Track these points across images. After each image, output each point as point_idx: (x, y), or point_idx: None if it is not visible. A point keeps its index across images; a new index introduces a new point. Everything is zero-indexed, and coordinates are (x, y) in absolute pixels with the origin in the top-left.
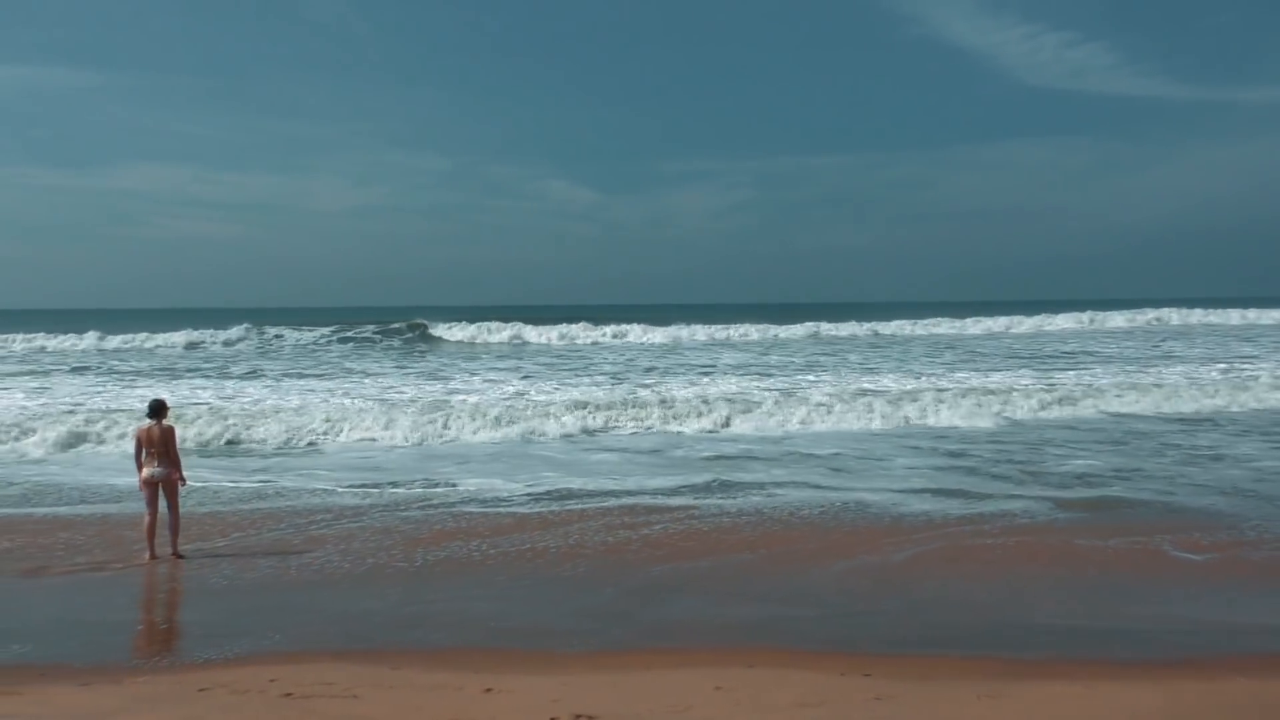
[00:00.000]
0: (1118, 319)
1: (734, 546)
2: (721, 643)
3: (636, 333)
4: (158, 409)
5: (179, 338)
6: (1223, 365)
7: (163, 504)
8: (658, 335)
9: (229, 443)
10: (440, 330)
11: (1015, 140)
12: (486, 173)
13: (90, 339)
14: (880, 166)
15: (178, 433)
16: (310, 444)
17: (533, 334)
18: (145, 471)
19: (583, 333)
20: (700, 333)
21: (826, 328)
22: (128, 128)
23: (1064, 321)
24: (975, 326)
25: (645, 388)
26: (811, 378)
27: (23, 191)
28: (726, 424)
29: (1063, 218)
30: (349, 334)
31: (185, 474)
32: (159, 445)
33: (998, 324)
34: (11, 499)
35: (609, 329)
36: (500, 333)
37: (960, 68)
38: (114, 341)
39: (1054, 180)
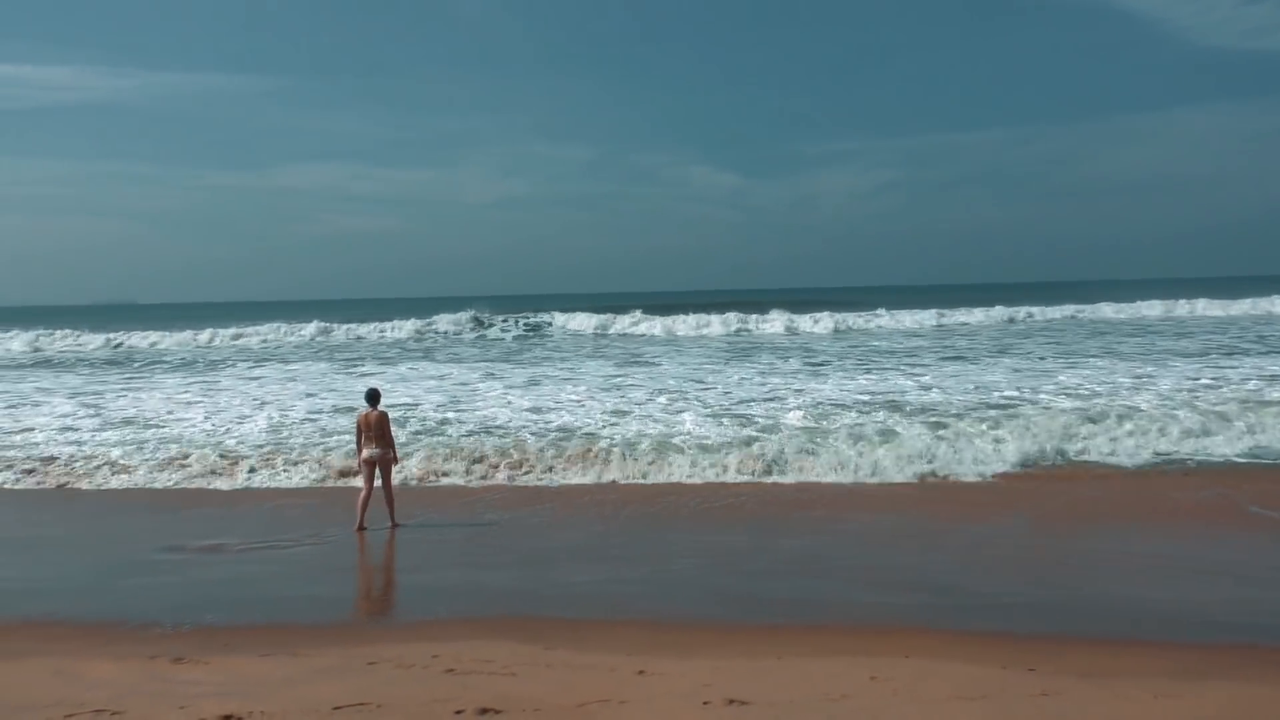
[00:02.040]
0: None
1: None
2: (877, 622)
3: (808, 323)
4: (373, 397)
5: (407, 326)
6: None
7: (378, 481)
8: (824, 323)
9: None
10: (637, 324)
11: (1184, 107)
12: (629, 161)
13: (310, 329)
14: (1034, 140)
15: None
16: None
17: (718, 325)
18: (365, 452)
19: (748, 323)
20: (857, 319)
21: (1022, 311)
22: (291, 129)
23: None
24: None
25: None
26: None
27: (196, 193)
28: None
29: (1239, 184)
30: (545, 322)
31: (399, 455)
32: (375, 429)
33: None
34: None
35: (779, 319)
36: (682, 324)
37: (1125, 31)
38: (339, 334)
39: (1226, 147)
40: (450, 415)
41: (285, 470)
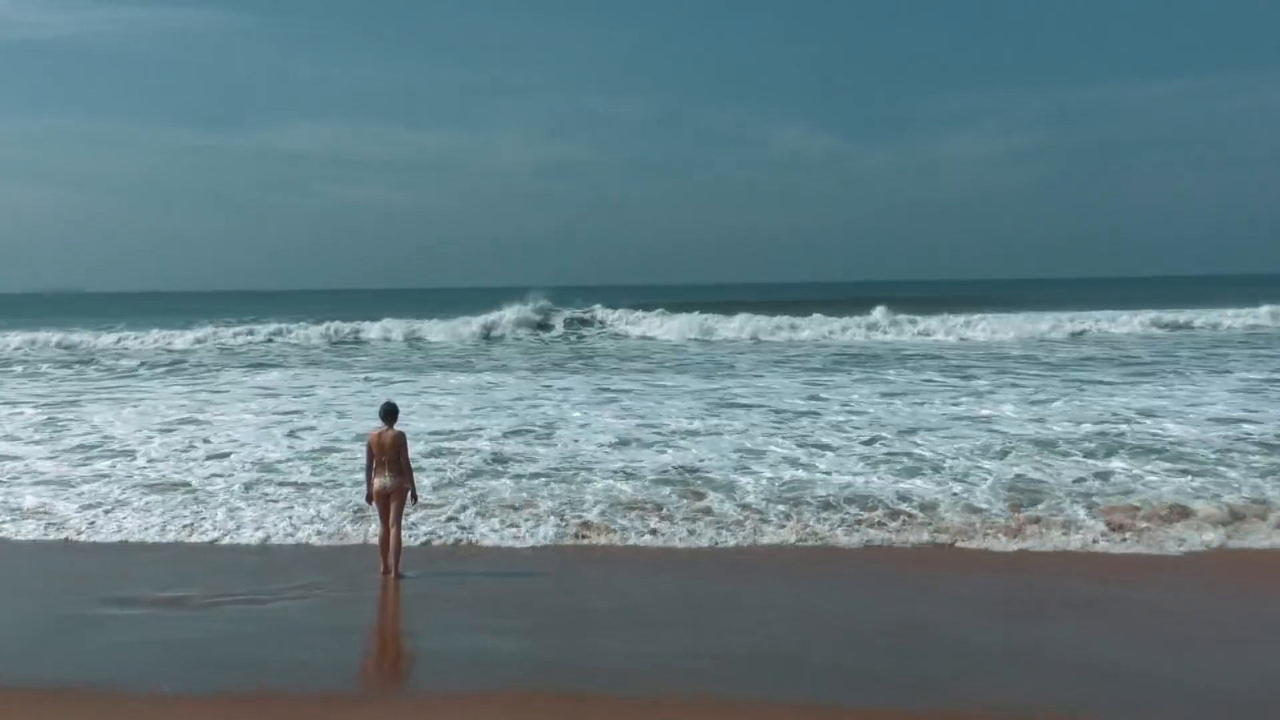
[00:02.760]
0: None
1: None
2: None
3: (979, 330)
4: (389, 412)
5: (474, 324)
6: None
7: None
8: (1002, 330)
9: None
10: (713, 324)
11: None
12: (700, 119)
13: (317, 330)
14: (1235, 91)
15: None
16: None
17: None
18: (376, 483)
19: (872, 323)
20: (1014, 324)
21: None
22: (281, 78)
23: None
24: None
25: None
26: None
27: (164, 156)
28: None
29: None
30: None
31: (418, 490)
32: (390, 453)
33: None
34: None
35: (929, 323)
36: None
37: None
38: (342, 331)
39: None
40: (514, 446)
41: (279, 506)
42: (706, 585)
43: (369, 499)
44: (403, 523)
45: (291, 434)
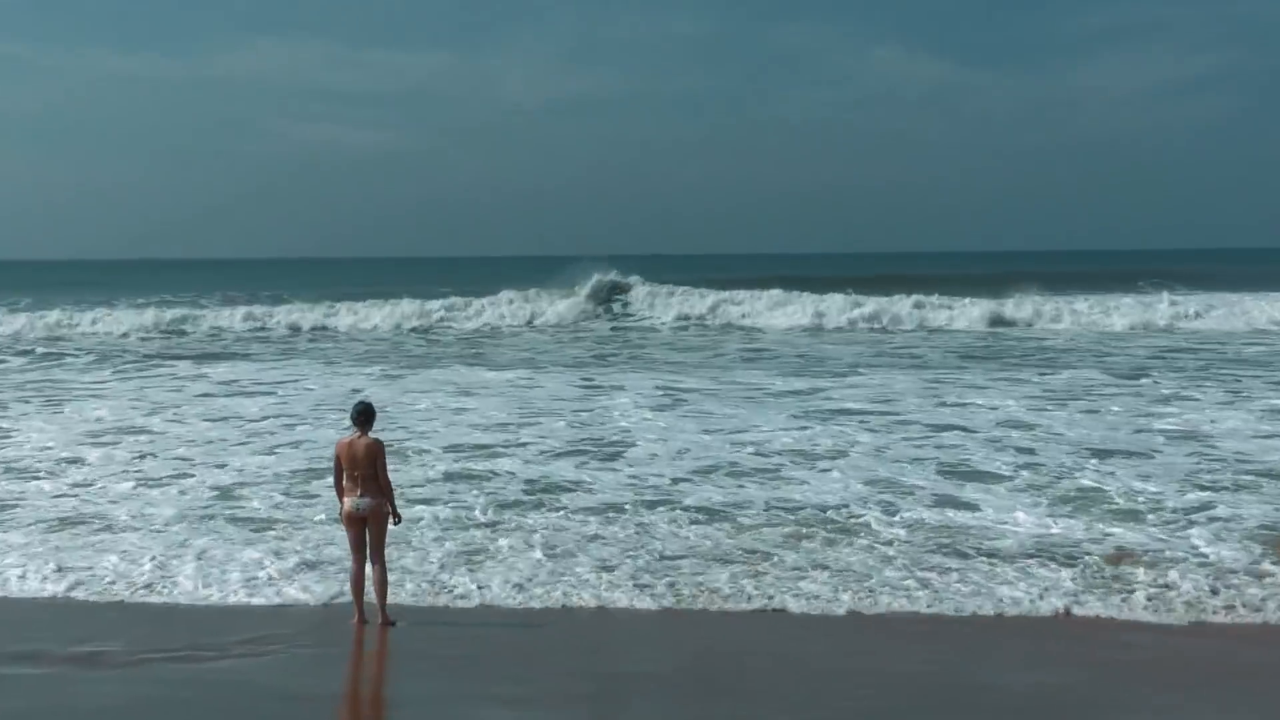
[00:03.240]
0: None
1: None
2: None
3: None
4: (364, 415)
5: (479, 307)
6: None
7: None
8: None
9: None
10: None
11: None
12: (764, 41)
13: (315, 314)
14: None
15: None
16: None
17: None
18: (348, 503)
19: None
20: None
21: None
22: None
23: None
24: None
25: None
26: None
27: (80, 86)
28: None
29: None
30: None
31: (400, 509)
32: (364, 466)
33: None
34: None
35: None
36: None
37: None
38: (379, 316)
39: None
40: (564, 469)
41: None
42: (806, 648)
43: (342, 522)
44: (385, 554)
45: (268, 450)
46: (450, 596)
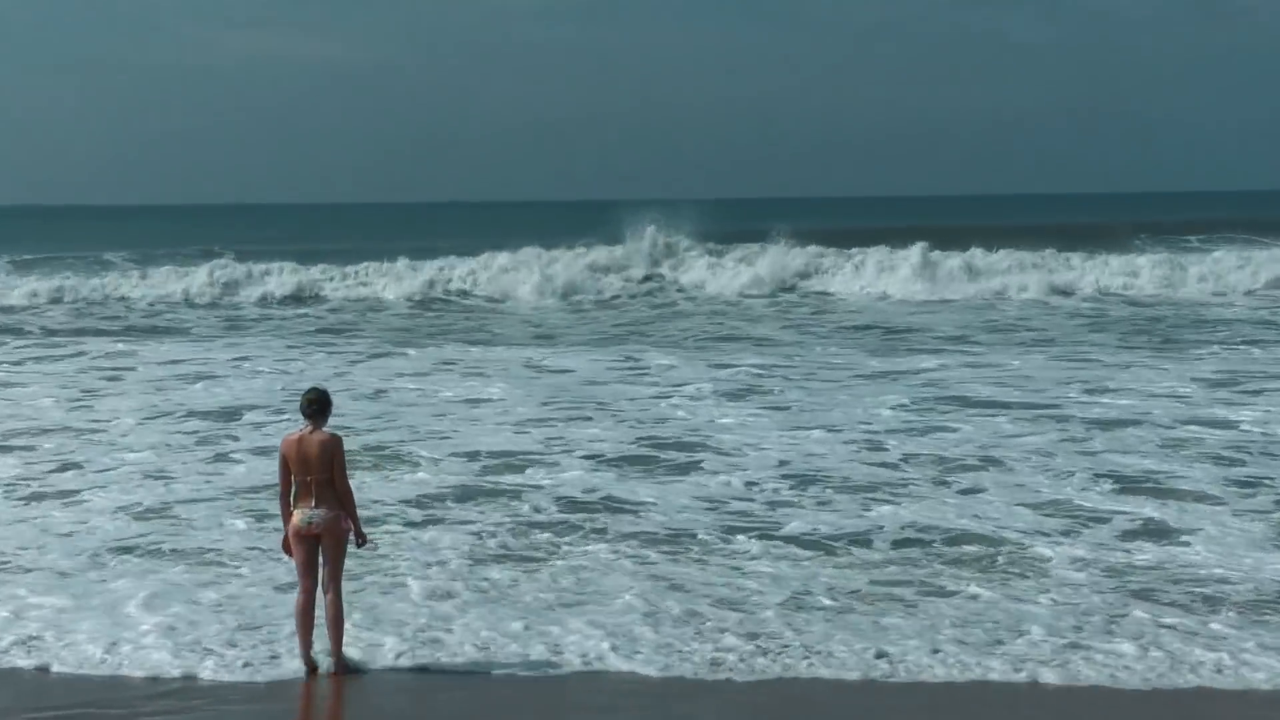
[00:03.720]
0: None
1: None
2: None
3: None
4: (317, 404)
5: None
6: None
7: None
8: None
9: None
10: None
11: None
12: None
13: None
14: None
15: None
16: None
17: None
18: (297, 516)
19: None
20: None
21: None
22: None
23: None
24: None
25: None
26: None
27: None
28: None
29: None
30: None
31: (364, 529)
32: (318, 469)
33: None
34: None
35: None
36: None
37: None
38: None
39: None
40: (611, 482)
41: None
42: None
43: (285, 545)
44: (342, 581)
45: (215, 457)
46: (445, 651)
